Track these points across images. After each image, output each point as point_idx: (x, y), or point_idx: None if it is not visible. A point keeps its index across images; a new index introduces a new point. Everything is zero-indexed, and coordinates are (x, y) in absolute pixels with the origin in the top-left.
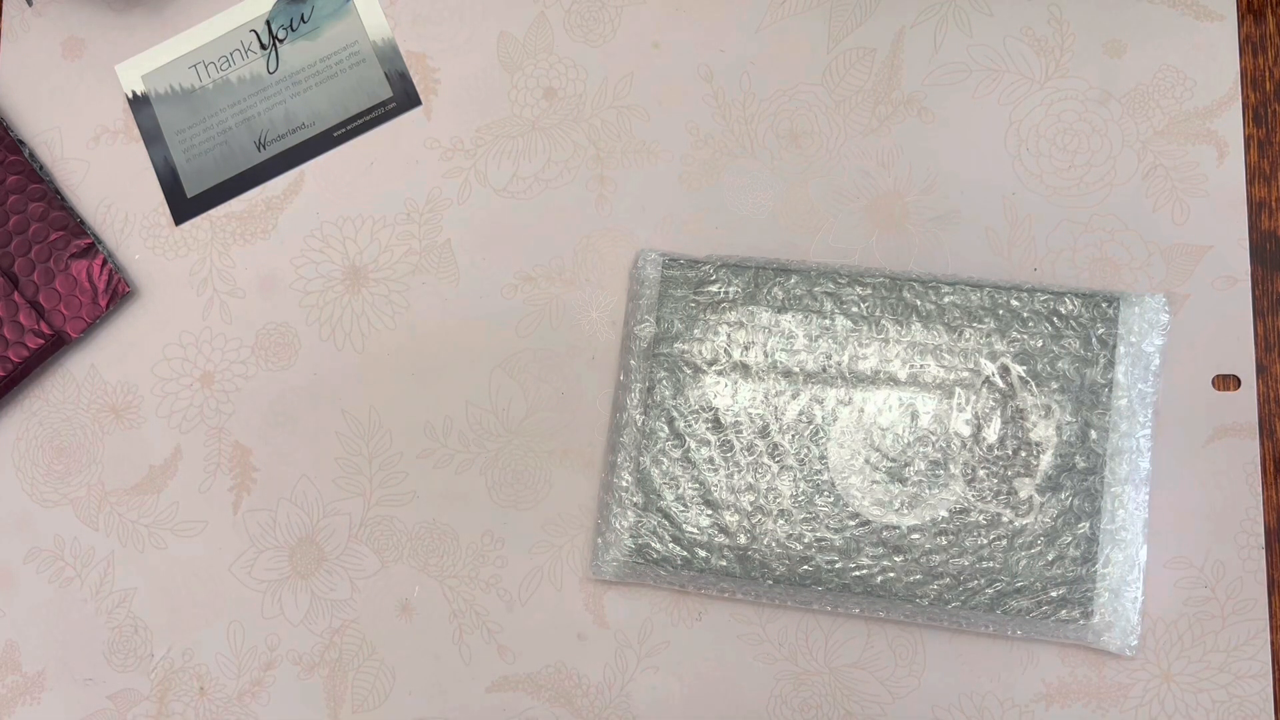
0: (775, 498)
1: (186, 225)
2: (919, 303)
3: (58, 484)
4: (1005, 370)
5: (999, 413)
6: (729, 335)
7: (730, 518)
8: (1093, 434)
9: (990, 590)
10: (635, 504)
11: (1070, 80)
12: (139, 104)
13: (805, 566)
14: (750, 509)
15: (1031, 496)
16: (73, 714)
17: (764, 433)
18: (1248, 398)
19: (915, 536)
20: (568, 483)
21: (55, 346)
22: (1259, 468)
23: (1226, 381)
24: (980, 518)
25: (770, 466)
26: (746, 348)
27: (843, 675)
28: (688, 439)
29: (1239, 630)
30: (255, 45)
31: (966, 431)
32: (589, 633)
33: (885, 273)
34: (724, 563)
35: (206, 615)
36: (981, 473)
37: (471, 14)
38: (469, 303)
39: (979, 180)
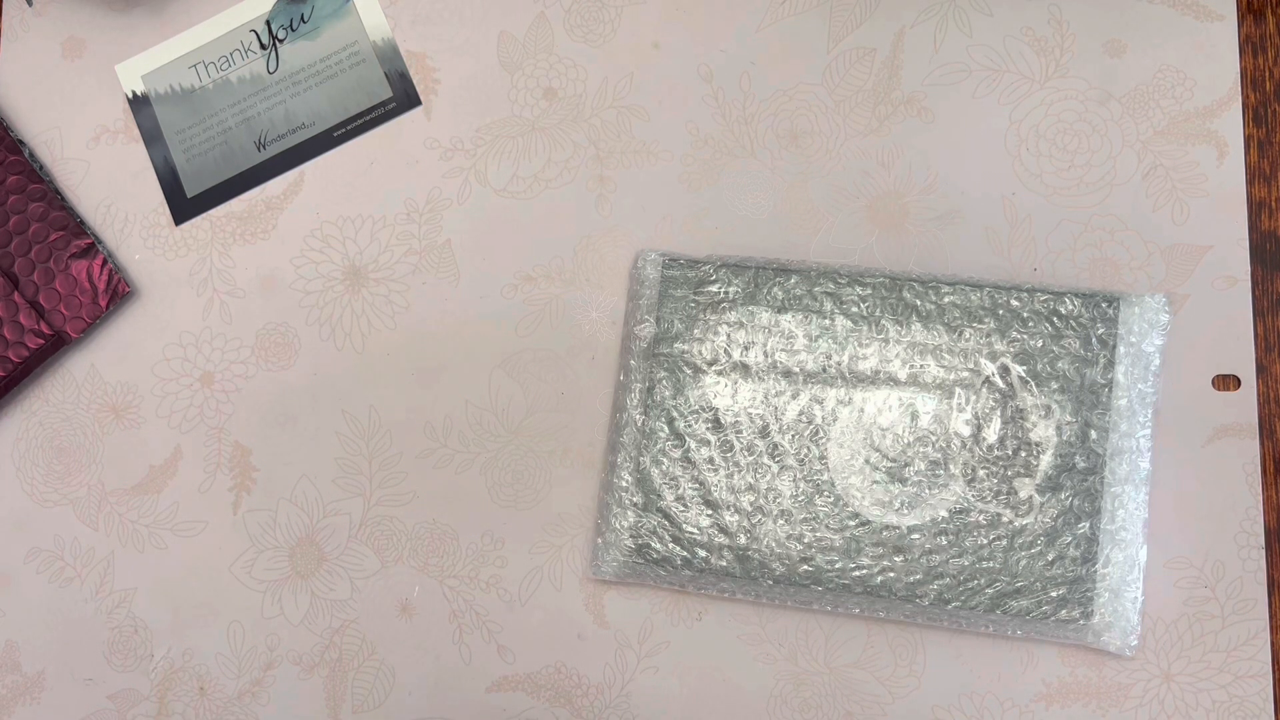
0: (775, 498)
1: (186, 225)
2: (919, 303)
3: (58, 484)
4: (1005, 370)
5: (999, 413)
6: (729, 335)
7: (730, 518)
8: (1093, 434)
9: (990, 590)
10: (635, 504)
11: (1070, 80)
12: (139, 104)
13: (805, 566)
14: (750, 509)
15: (1031, 496)
16: (73, 714)
17: (764, 433)
18: (1248, 398)
19: (915, 536)
20: (568, 483)
21: (55, 346)
22: (1259, 468)
23: (1226, 381)
24: (980, 518)
25: (770, 466)
26: (746, 348)
27: (843, 675)
28: (688, 439)
29: (1239, 630)
30: (255, 45)
31: (966, 431)
32: (589, 633)
33: (885, 273)
34: (724, 563)
35: (206, 615)
36: (981, 473)
37: (471, 14)
38: (469, 303)
39: (979, 180)
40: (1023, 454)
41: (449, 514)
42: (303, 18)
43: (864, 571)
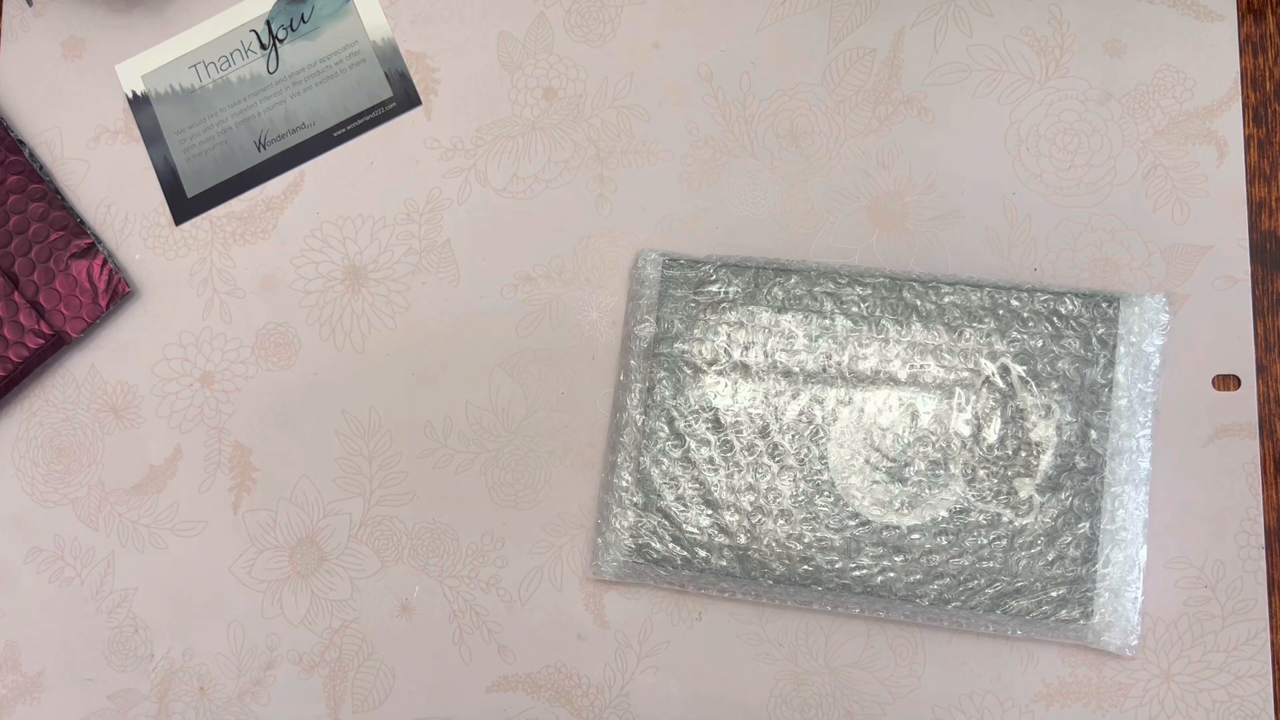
0: (775, 498)
1: (186, 225)
2: (919, 303)
3: (58, 484)
4: (1005, 370)
5: (999, 413)
6: (729, 335)
7: (730, 518)
8: (1093, 434)
9: (990, 590)
10: (635, 504)
11: (1070, 80)
12: (139, 104)
13: (805, 566)
14: (750, 509)
15: (1031, 496)
16: (73, 714)
17: (764, 433)
18: (1248, 398)
19: (915, 536)
20: (568, 483)
21: (55, 346)
22: (1259, 468)
23: (1226, 381)
24: (980, 518)
25: (770, 466)
26: (746, 348)
27: (843, 675)
28: (688, 439)
29: (1239, 630)
30: (255, 45)
31: (966, 431)
32: (589, 633)
33: (885, 273)
34: (724, 563)
35: (206, 615)
36: (981, 473)
37: (471, 14)
38: (469, 303)
39: (979, 180)
40: (1023, 454)
41: (449, 514)
42: (303, 18)
43: (864, 571)
